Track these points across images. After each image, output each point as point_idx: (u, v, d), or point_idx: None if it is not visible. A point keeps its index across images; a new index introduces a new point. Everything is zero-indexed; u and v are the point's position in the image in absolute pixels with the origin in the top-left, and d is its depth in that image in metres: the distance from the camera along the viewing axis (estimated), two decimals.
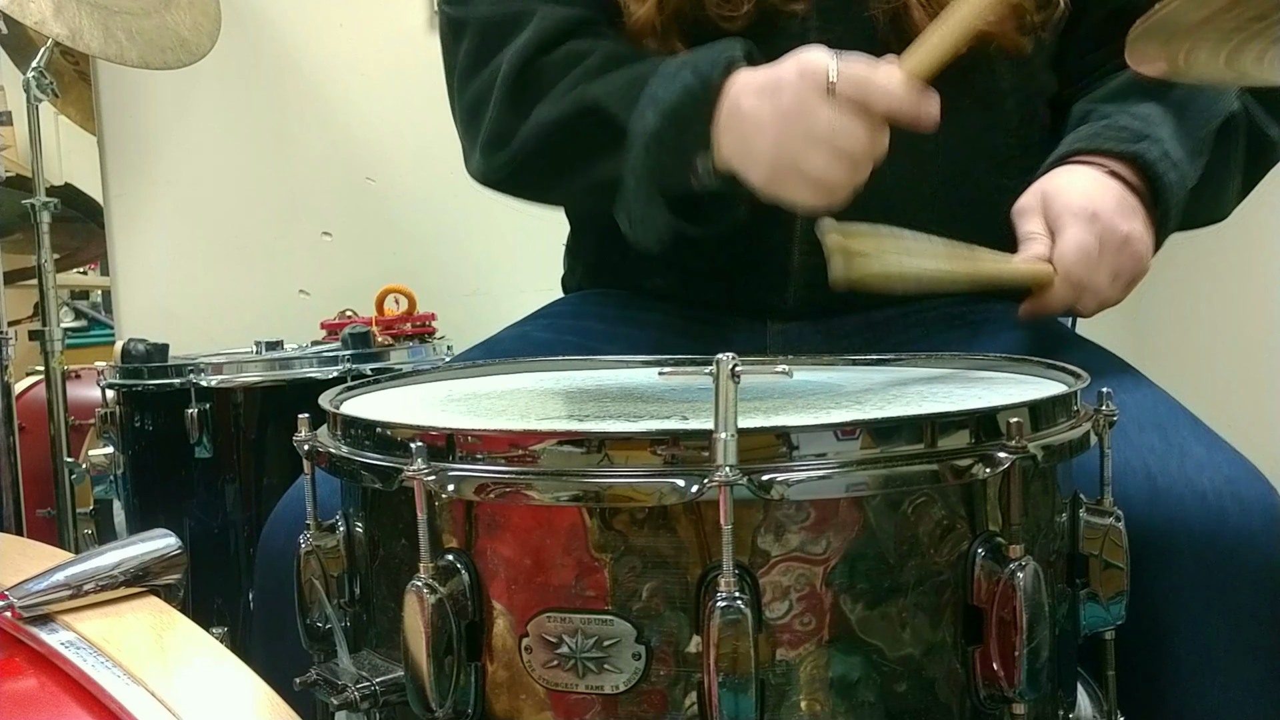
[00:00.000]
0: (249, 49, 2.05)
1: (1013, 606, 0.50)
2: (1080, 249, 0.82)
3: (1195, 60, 0.58)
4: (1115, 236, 0.83)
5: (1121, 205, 0.84)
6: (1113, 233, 0.83)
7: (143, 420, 1.53)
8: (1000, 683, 0.51)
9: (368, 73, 2.10)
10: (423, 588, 0.50)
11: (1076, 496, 0.61)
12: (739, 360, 0.47)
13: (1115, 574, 0.60)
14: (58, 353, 1.77)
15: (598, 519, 0.50)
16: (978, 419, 0.52)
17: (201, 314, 2.07)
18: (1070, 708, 0.61)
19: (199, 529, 1.49)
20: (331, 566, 0.61)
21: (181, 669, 0.53)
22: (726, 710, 0.47)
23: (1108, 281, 0.84)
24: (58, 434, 1.77)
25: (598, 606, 0.50)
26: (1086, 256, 0.82)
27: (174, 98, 2.05)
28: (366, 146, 2.13)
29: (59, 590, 0.57)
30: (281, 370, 1.52)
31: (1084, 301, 0.85)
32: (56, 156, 2.02)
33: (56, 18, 1.59)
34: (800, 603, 0.49)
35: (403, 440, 0.54)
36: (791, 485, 0.48)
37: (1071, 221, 0.83)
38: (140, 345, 1.55)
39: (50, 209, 1.78)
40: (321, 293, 2.04)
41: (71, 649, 0.53)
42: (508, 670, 0.52)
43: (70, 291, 2.22)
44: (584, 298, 1.13)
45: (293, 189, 2.12)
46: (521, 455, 0.50)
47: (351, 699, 0.54)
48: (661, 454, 0.49)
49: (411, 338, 1.76)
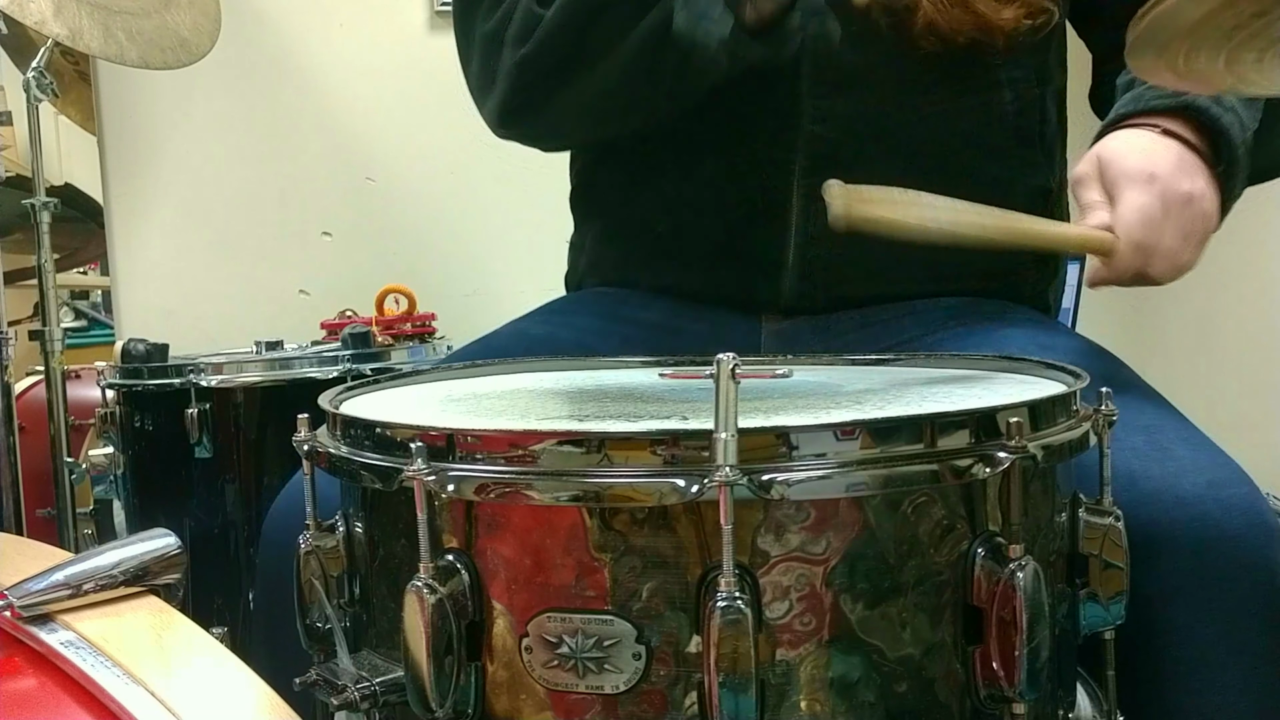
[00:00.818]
0: (249, 49, 2.05)
1: (1013, 606, 0.50)
2: (1141, 211, 0.79)
3: (1194, 63, 0.58)
4: (1178, 196, 0.80)
5: (1181, 163, 0.82)
6: (1174, 192, 0.80)
7: (143, 420, 1.53)
8: (1000, 683, 0.51)
9: (368, 73, 2.10)
10: (423, 588, 0.50)
11: (1076, 496, 0.61)
12: (739, 360, 0.47)
13: (1115, 574, 0.60)
14: (58, 353, 1.77)
15: (598, 519, 0.50)
16: (977, 419, 0.52)
17: (201, 314, 2.07)
18: (1070, 708, 0.61)
19: (199, 529, 1.49)
20: (331, 566, 0.61)
21: (181, 669, 0.53)
22: (726, 710, 0.47)
23: (1178, 243, 0.81)
24: (58, 434, 1.77)
25: (598, 606, 0.50)
26: (1149, 219, 0.79)
27: (174, 98, 2.05)
28: (366, 146, 2.13)
29: (58, 590, 0.57)
30: (281, 370, 1.52)
31: (1155, 266, 0.81)
32: (56, 156, 2.02)
33: (56, 18, 1.59)
34: (800, 603, 0.49)
35: (403, 440, 0.54)
36: (791, 485, 0.48)
37: (1129, 185, 0.80)
38: (140, 345, 1.55)
39: (50, 209, 1.77)
40: (321, 293, 2.05)
41: (71, 649, 0.53)
42: (508, 670, 0.52)
43: (70, 291, 2.21)
44: (582, 296, 1.13)
45: (293, 189, 2.11)
46: (521, 455, 0.50)
47: (351, 699, 0.54)
48: (661, 454, 0.49)
49: (411, 338, 1.76)
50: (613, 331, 1.02)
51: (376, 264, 2.08)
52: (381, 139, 2.12)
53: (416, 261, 2.11)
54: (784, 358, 0.84)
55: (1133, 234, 0.80)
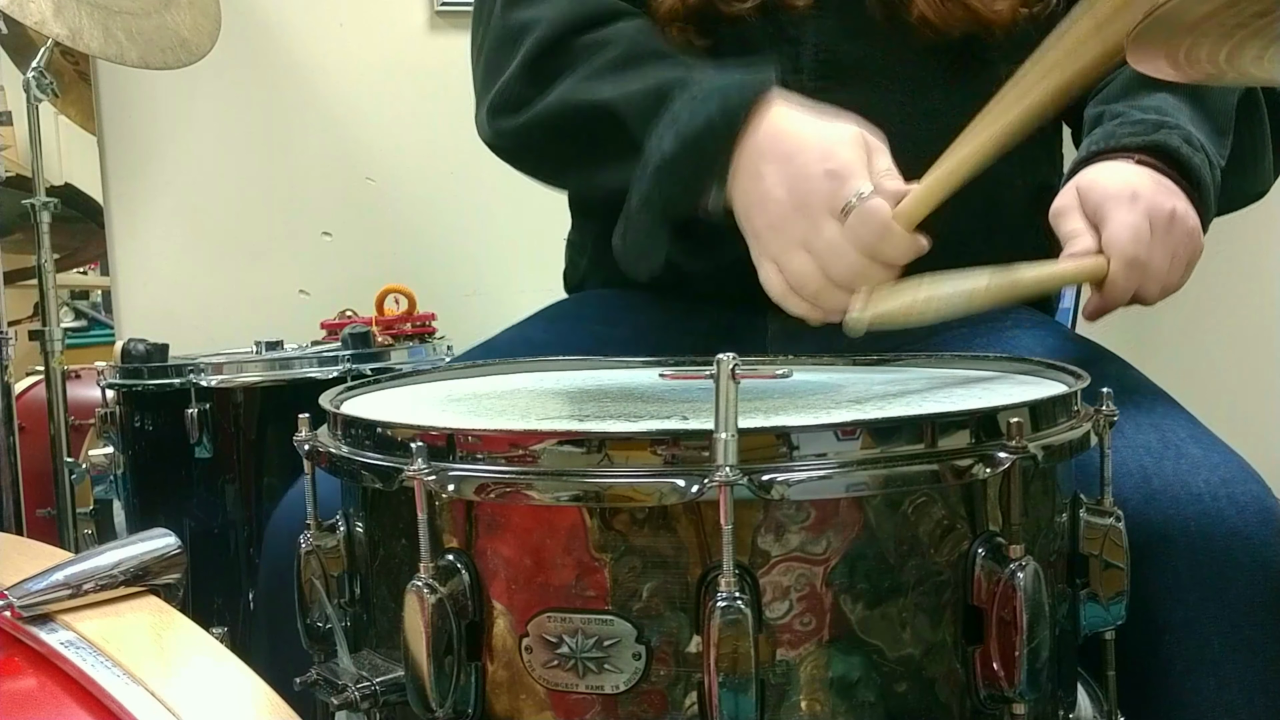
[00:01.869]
0: (249, 49, 2.05)
1: (1013, 606, 0.50)
2: (1131, 228, 0.79)
3: (1196, 59, 0.58)
4: (1162, 213, 0.80)
5: (1159, 184, 0.82)
6: (1159, 209, 0.80)
7: (143, 420, 1.53)
8: (1000, 683, 0.51)
9: (368, 73, 2.10)
10: (423, 588, 0.50)
11: (1077, 496, 0.61)
12: (739, 360, 0.47)
13: (1115, 574, 0.60)
14: (58, 353, 1.77)
15: (598, 519, 0.50)
16: (978, 419, 0.52)
17: (201, 314, 2.07)
18: (1070, 708, 0.61)
19: (199, 529, 1.49)
20: (332, 566, 0.61)
21: (181, 669, 0.53)
22: (726, 710, 0.47)
23: (1166, 262, 0.80)
24: (58, 434, 1.77)
25: (598, 606, 0.50)
26: (1139, 235, 0.79)
27: (174, 98, 2.05)
28: (366, 146, 2.13)
29: (58, 590, 0.57)
30: (281, 370, 1.52)
31: (1146, 287, 0.81)
32: (56, 156, 2.02)
33: (56, 18, 1.59)
34: (800, 603, 0.49)
35: (403, 440, 0.54)
36: (792, 485, 0.48)
37: (1114, 206, 0.80)
38: (140, 345, 1.55)
39: (50, 209, 1.77)
40: (321, 293, 2.05)
41: (71, 649, 0.53)
42: (508, 670, 0.52)
43: (70, 291, 2.21)
44: (582, 299, 1.13)
45: (293, 189, 2.12)
46: (522, 455, 0.50)
47: (351, 699, 0.54)
48: (661, 454, 0.49)
49: (411, 338, 1.76)
50: (615, 335, 1.01)
51: (376, 264, 2.08)
52: (381, 139, 2.13)
53: (416, 261, 2.11)
54: (784, 358, 0.84)
55: (1125, 252, 0.79)
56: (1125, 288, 0.80)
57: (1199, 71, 0.60)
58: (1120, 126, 0.87)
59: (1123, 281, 0.79)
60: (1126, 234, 0.79)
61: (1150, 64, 0.61)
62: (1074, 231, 0.82)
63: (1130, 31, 0.58)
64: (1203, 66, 0.59)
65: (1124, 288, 0.80)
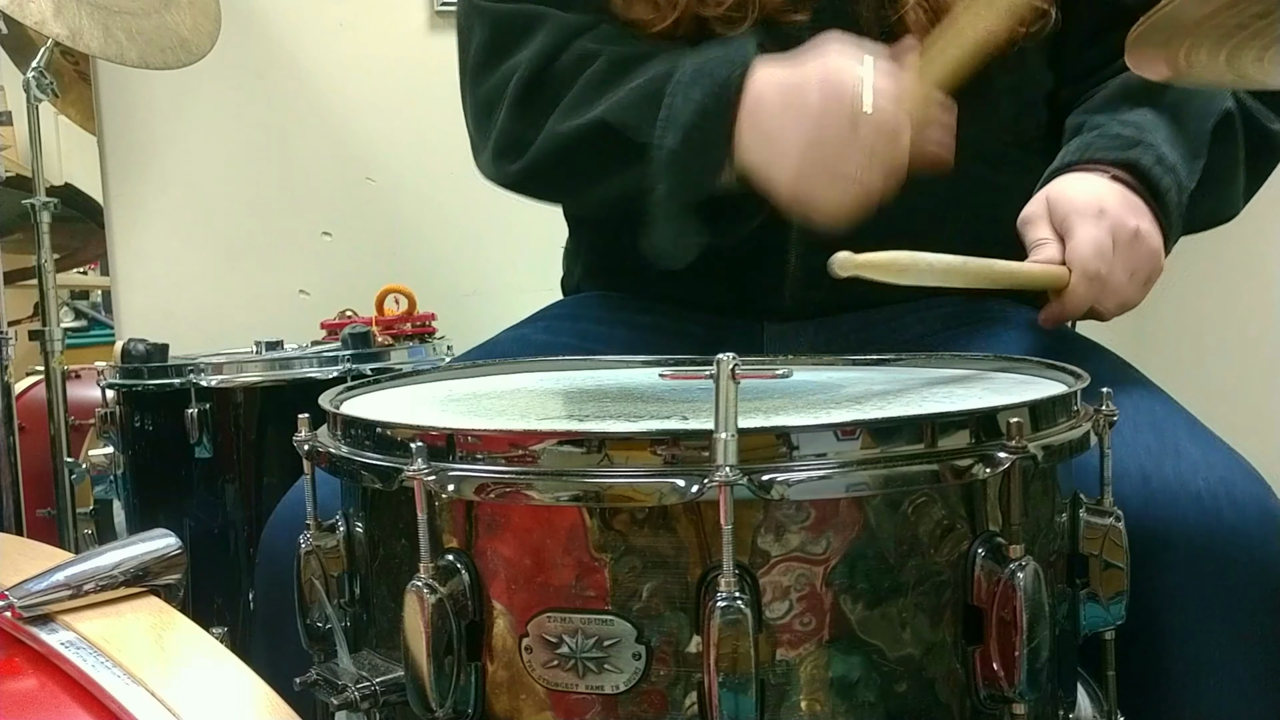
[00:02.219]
0: (249, 49, 2.05)
1: (1013, 606, 0.50)
2: (1093, 243, 0.81)
3: (1195, 60, 0.58)
4: (1125, 230, 0.82)
5: (1127, 202, 0.84)
6: (1123, 227, 0.82)
7: (143, 420, 1.53)
8: (1000, 683, 0.51)
9: (368, 73, 2.10)
10: (423, 588, 0.50)
11: (1076, 496, 0.61)
12: (739, 360, 0.47)
13: (1115, 574, 0.60)
14: (58, 353, 1.77)
15: (598, 519, 0.50)
16: (978, 419, 0.52)
17: (201, 314, 2.07)
18: (1070, 708, 0.61)
19: (199, 529, 1.49)
20: (332, 566, 0.61)
21: (181, 669, 0.53)
22: (726, 710, 0.47)
23: (1126, 278, 0.82)
24: (58, 434, 1.77)
25: (598, 606, 0.50)
26: (1101, 251, 0.81)
27: (174, 98, 2.05)
28: (366, 146, 2.13)
29: (59, 590, 0.57)
30: (281, 370, 1.52)
31: (1104, 301, 0.83)
32: (56, 156, 2.02)
33: (56, 18, 1.59)
34: (800, 603, 0.49)
35: (403, 440, 0.54)
36: (792, 485, 0.48)
37: (1079, 220, 0.82)
38: (140, 345, 1.55)
39: (50, 209, 1.77)
40: (321, 293, 2.04)
41: (71, 649, 0.53)
42: (508, 670, 0.52)
43: (70, 291, 2.21)
44: (582, 300, 1.13)
45: (293, 189, 2.11)
46: (521, 455, 0.50)
47: (351, 699, 0.54)
48: (661, 454, 0.49)
49: (411, 338, 1.76)
50: (615, 336, 1.02)
51: (376, 264, 2.08)
52: (381, 139, 2.12)
53: (416, 261, 2.11)
54: (784, 358, 0.84)
55: (1087, 266, 0.81)
56: (1084, 299, 0.82)
57: (1199, 74, 0.60)
58: (1098, 139, 0.89)
59: (1082, 293, 0.82)
60: (1089, 248, 0.81)
61: (1151, 68, 0.61)
62: (1039, 240, 0.84)
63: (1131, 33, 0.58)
64: (1203, 69, 0.59)
65: (1083, 298, 0.82)
